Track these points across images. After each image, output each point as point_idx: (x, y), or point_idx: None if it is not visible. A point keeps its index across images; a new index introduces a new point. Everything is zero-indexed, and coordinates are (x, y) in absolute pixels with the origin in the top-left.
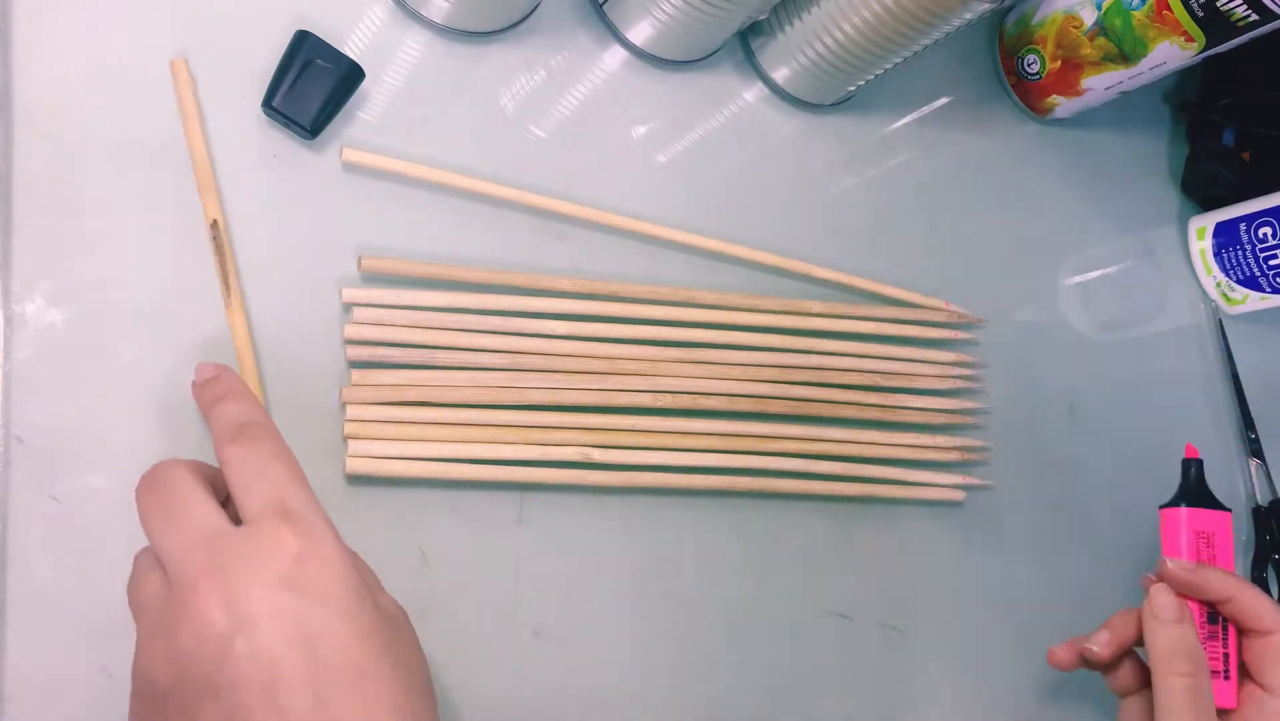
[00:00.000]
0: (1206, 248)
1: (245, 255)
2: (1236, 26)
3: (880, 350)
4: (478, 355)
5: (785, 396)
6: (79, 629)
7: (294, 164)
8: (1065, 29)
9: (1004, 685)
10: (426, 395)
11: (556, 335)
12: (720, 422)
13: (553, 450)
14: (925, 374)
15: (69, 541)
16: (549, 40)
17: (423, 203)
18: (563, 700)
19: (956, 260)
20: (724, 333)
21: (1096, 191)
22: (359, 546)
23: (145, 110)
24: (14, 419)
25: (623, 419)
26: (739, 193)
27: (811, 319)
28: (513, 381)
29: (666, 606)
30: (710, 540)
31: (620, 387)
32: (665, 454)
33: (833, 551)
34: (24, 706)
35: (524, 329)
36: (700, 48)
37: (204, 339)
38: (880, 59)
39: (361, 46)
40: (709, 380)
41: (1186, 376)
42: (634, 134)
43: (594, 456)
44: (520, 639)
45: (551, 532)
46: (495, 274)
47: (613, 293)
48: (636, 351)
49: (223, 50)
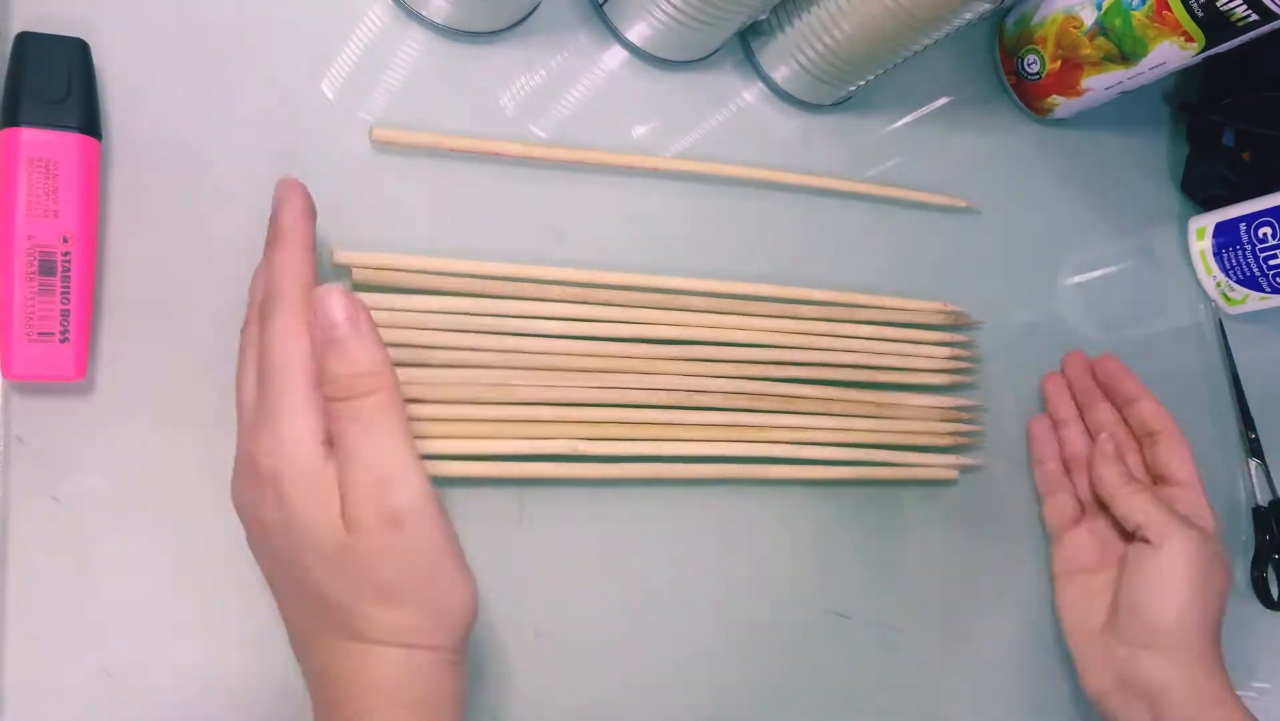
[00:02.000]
0: (1206, 248)
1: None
2: (1236, 26)
3: (876, 346)
4: (471, 354)
5: (780, 394)
6: (79, 629)
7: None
8: (1065, 29)
9: (1007, 678)
10: (422, 393)
11: (551, 335)
12: (714, 414)
13: (543, 444)
14: (920, 368)
15: (69, 541)
16: (549, 40)
17: (422, 203)
18: (563, 700)
19: (956, 260)
20: (719, 331)
21: (1096, 191)
22: None
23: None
24: (14, 419)
25: (615, 411)
26: (739, 193)
27: (806, 321)
28: (506, 380)
29: (667, 606)
30: (709, 540)
31: (614, 385)
32: (656, 444)
33: (833, 548)
34: (24, 706)
35: (518, 329)
36: (700, 48)
37: (202, 338)
38: (880, 59)
39: (361, 46)
40: (704, 379)
41: (1186, 376)
42: (634, 134)
43: (581, 449)
44: (521, 639)
45: (551, 532)
46: (482, 264)
47: (606, 287)
48: (630, 350)
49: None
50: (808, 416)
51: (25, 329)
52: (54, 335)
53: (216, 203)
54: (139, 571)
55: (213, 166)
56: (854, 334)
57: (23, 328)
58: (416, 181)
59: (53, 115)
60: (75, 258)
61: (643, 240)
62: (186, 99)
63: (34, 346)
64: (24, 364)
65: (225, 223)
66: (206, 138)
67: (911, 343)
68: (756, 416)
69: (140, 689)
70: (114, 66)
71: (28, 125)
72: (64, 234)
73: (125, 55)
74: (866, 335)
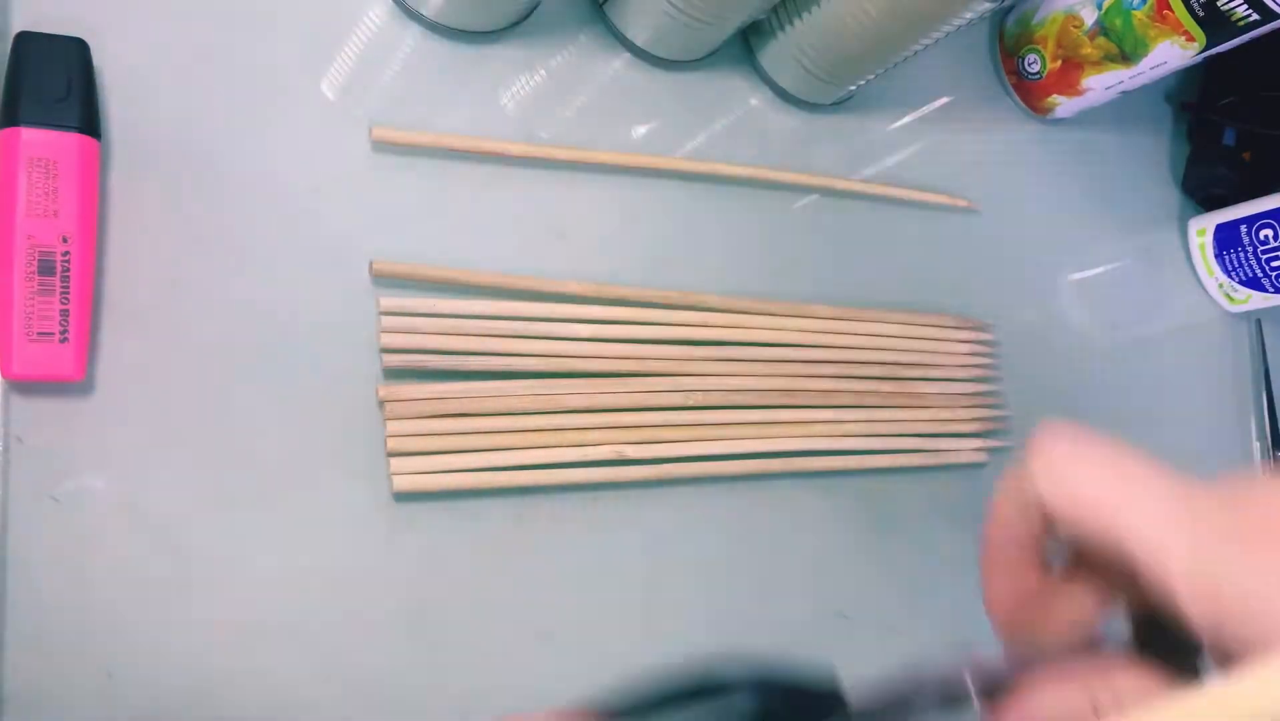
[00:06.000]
0: (1208, 249)
1: (255, 255)
2: (1237, 26)
3: (900, 344)
4: (507, 360)
5: (814, 390)
6: (79, 629)
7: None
8: (1066, 29)
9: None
10: (466, 406)
11: (582, 338)
12: (745, 412)
13: (589, 450)
14: (944, 363)
15: (69, 542)
16: (549, 40)
17: (422, 203)
18: (563, 700)
19: (956, 260)
20: (742, 331)
21: (1097, 191)
22: (360, 548)
23: None
24: (14, 419)
25: (654, 415)
26: (740, 193)
27: (830, 321)
28: (546, 388)
29: (668, 607)
30: (711, 539)
31: (652, 389)
32: (698, 445)
33: (834, 549)
34: (24, 706)
35: (551, 332)
36: (700, 48)
37: (203, 338)
38: (880, 59)
39: (361, 46)
40: (736, 377)
41: (1186, 376)
42: (634, 134)
43: (627, 453)
44: (522, 640)
45: (551, 532)
46: (508, 278)
47: (621, 296)
48: (663, 352)
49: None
50: (841, 410)
51: (25, 329)
52: (54, 335)
53: (216, 203)
54: (139, 571)
55: (213, 166)
56: (880, 332)
57: (22, 327)
58: (416, 181)
59: (52, 115)
60: (75, 258)
61: (643, 240)
62: (186, 99)
63: (34, 346)
64: (24, 364)
65: (225, 222)
66: (206, 138)
67: (934, 340)
68: (792, 412)
69: (140, 689)
70: (114, 66)
71: (27, 125)
72: (64, 234)
73: (125, 55)
74: (892, 334)
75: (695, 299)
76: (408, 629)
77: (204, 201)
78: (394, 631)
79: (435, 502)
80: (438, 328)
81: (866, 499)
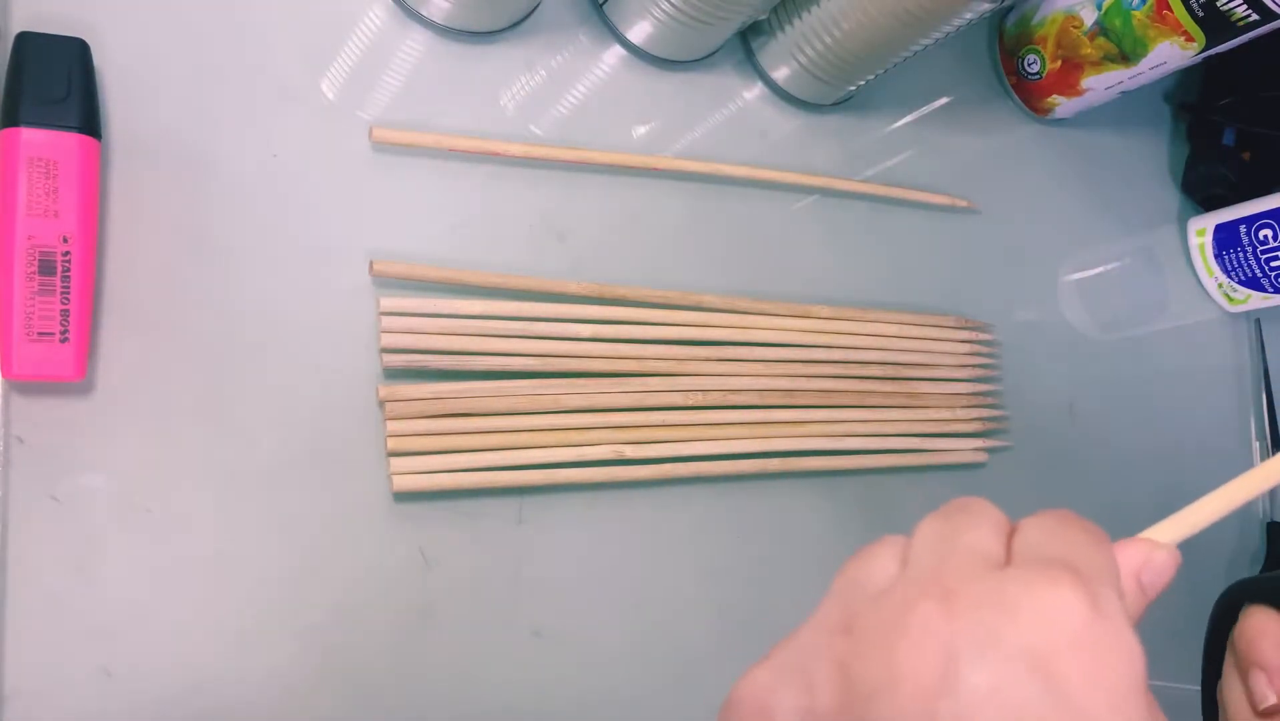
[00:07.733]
0: (1207, 249)
1: (255, 256)
2: (1236, 26)
3: (900, 344)
4: (507, 360)
5: (813, 390)
6: (79, 629)
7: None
8: (1065, 29)
9: None
10: (466, 406)
11: (582, 338)
12: (740, 412)
13: (588, 450)
14: (943, 363)
15: (69, 541)
16: (549, 40)
17: (422, 203)
18: (563, 700)
19: (956, 259)
20: (742, 331)
21: (1096, 191)
22: (360, 549)
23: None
24: (14, 419)
25: (654, 415)
26: (739, 192)
27: (831, 321)
28: (546, 388)
29: (666, 606)
30: (711, 539)
31: (650, 389)
32: (697, 445)
33: (834, 549)
34: (24, 706)
35: (551, 332)
36: (700, 47)
37: (203, 338)
38: (880, 59)
39: (361, 46)
40: (735, 377)
41: (1186, 376)
42: (634, 134)
43: (626, 453)
44: (520, 639)
45: (551, 532)
46: (508, 278)
47: (621, 296)
48: (662, 352)
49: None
50: (841, 410)
51: (25, 329)
52: (54, 335)
53: (216, 202)
54: (139, 571)
55: (213, 166)
56: (880, 332)
57: (23, 327)
58: (416, 181)
59: (53, 115)
60: (75, 258)
61: (643, 240)
62: (186, 99)
63: (34, 346)
64: (24, 363)
65: (225, 222)
66: (206, 138)
67: (933, 340)
68: (792, 412)
69: (140, 689)
70: (114, 66)
71: (28, 125)
72: (64, 234)
73: (125, 55)
74: (892, 334)
75: (695, 299)
76: (407, 628)
77: (204, 201)
78: (394, 630)
79: (435, 502)
80: (438, 328)
81: (866, 498)
